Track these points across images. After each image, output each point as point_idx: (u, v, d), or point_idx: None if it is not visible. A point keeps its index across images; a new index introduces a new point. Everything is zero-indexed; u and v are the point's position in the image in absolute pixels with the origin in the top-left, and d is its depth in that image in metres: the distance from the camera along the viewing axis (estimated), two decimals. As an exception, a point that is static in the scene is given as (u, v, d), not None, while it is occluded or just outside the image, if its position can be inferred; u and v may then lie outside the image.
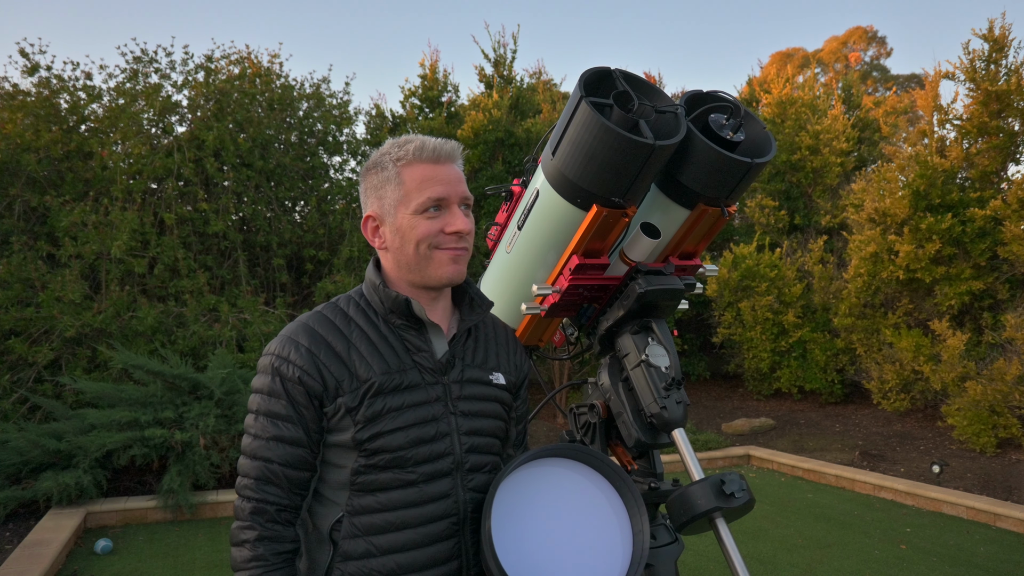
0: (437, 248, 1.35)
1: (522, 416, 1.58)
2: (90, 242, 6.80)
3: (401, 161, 1.36)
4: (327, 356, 1.32)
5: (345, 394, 1.30)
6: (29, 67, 7.75)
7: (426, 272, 1.37)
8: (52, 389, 6.36)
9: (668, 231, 1.55)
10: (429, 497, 1.32)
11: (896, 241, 8.05)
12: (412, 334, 1.38)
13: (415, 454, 1.31)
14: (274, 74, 9.09)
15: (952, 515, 5.67)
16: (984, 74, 7.80)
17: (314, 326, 1.36)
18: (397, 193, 1.35)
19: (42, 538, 4.61)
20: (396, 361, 1.35)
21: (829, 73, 22.99)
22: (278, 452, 1.30)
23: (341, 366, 1.32)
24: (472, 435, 1.38)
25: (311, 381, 1.30)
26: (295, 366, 1.31)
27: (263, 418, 1.32)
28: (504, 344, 1.53)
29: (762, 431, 8.52)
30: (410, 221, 1.34)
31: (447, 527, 1.33)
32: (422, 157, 1.35)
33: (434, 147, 1.36)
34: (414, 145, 1.36)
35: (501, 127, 9.69)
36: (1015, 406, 6.78)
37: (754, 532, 5.20)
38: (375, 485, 1.31)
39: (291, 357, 1.31)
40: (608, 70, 1.44)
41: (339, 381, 1.30)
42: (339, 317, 1.39)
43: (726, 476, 1.36)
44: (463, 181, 1.39)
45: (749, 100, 12.78)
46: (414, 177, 1.34)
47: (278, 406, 1.31)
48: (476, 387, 1.41)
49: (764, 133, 1.53)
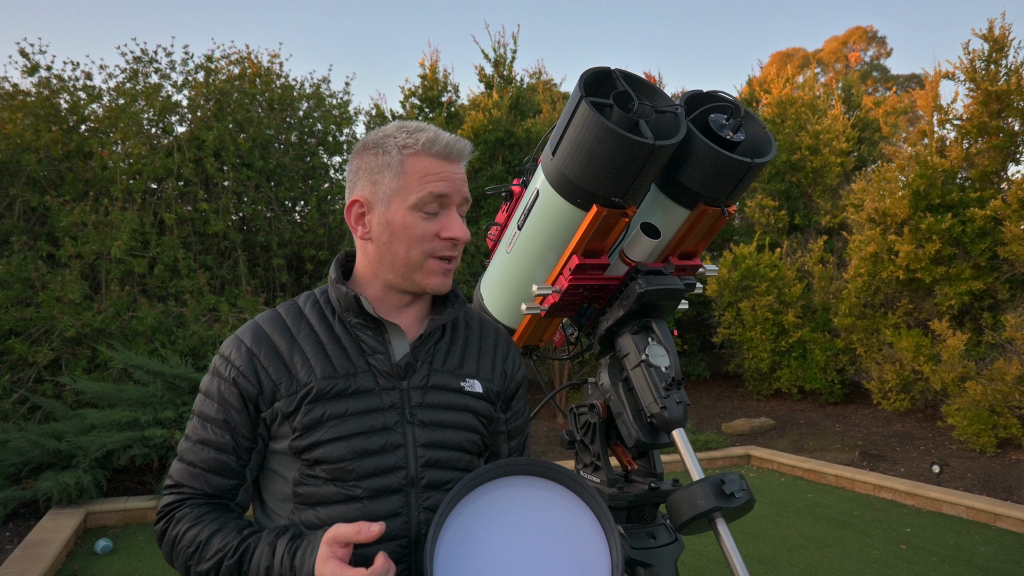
0: (431, 256, 1.25)
1: (517, 430, 1.44)
2: (90, 242, 6.80)
3: (408, 149, 1.24)
4: (267, 356, 1.22)
5: (282, 398, 1.20)
6: (29, 67, 7.75)
7: (412, 277, 1.26)
8: (52, 389, 6.36)
9: (668, 231, 1.55)
10: (374, 515, 1.18)
11: (896, 241, 8.05)
12: (368, 334, 1.26)
13: (358, 467, 1.19)
14: (274, 74, 9.09)
15: (952, 515, 5.67)
16: (984, 74, 7.80)
17: (263, 324, 1.26)
18: (396, 182, 1.23)
19: (42, 538, 4.60)
20: (346, 364, 1.23)
21: (829, 73, 22.99)
22: (202, 456, 1.22)
23: (281, 368, 1.21)
24: (432, 448, 1.24)
25: (245, 383, 1.21)
26: (232, 367, 1.22)
27: (196, 419, 1.25)
28: (490, 348, 1.39)
29: (762, 431, 8.52)
30: (405, 217, 1.23)
31: (394, 549, 1.19)
32: (432, 151, 1.24)
33: (447, 142, 1.25)
34: (426, 136, 1.24)
35: (501, 127, 9.69)
36: (1015, 406, 6.78)
37: (754, 532, 5.20)
38: (316, 498, 1.20)
39: (231, 357, 1.23)
40: (608, 70, 1.44)
41: (276, 384, 1.20)
42: (292, 315, 1.28)
43: (726, 476, 1.36)
44: (467, 183, 1.29)
45: (749, 100, 12.78)
46: (418, 169, 1.23)
47: (210, 408, 1.23)
48: (442, 394, 1.27)
49: (764, 133, 1.53)
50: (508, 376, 1.40)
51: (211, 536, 1.16)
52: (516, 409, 1.44)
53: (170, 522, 1.21)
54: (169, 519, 1.21)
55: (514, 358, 1.44)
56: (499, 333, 1.45)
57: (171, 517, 1.21)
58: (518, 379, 1.43)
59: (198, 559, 1.16)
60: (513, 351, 1.45)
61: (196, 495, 1.22)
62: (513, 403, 1.43)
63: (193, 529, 1.18)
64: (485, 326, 1.43)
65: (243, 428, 1.22)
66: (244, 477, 1.24)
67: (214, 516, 1.20)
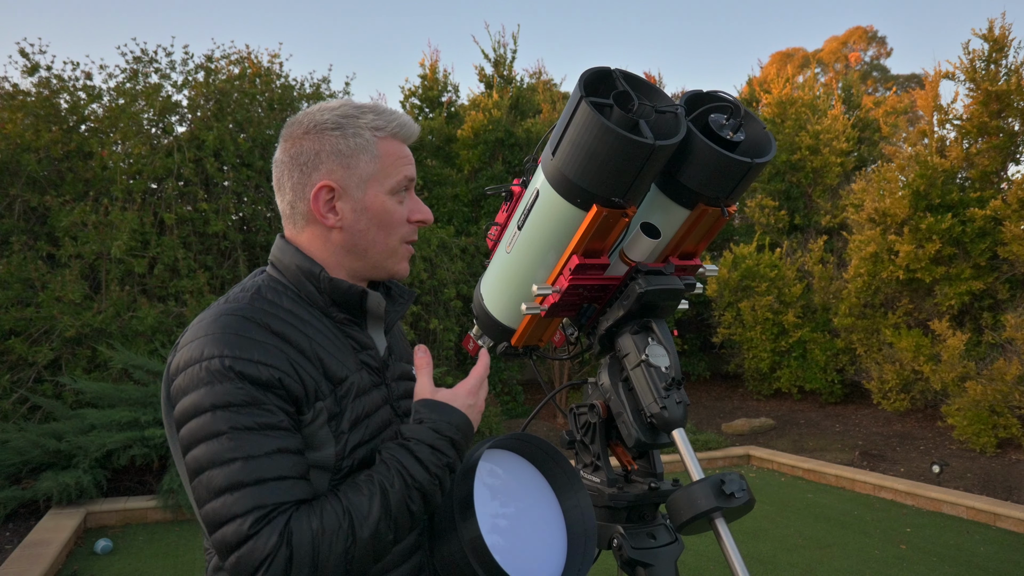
0: (404, 241, 1.23)
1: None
2: (90, 242, 6.80)
3: (380, 132, 1.19)
4: (296, 355, 1.07)
5: (326, 397, 1.08)
6: (29, 67, 7.75)
7: (384, 264, 1.22)
8: (52, 389, 6.36)
9: (668, 231, 1.55)
10: None
11: (896, 241, 8.05)
12: (356, 330, 1.20)
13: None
14: (274, 74, 9.09)
15: (952, 515, 5.67)
16: (984, 74, 7.80)
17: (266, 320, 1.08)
18: (372, 167, 1.18)
19: (42, 538, 4.60)
20: (353, 361, 1.17)
21: (829, 73, 22.99)
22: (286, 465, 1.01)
23: (311, 365, 1.08)
24: None
25: (291, 383, 1.04)
26: (267, 367, 1.03)
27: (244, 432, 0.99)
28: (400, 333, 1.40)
29: (762, 431, 8.52)
30: (385, 202, 1.19)
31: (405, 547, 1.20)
32: (400, 135, 1.22)
33: (411, 126, 1.24)
34: (397, 121, 1.21)
35: (501, 127, 9.69)
36: (1015, 406, 6.78)
37: (754, 532, 5.20)
38: None
39: (256, 357, 1.03)
40: (608, 70, 1.44)
41: (316, 382, 1.08)
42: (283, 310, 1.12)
43: (726, 476, 1.36)
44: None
45: (749, 100, 12.78)
46: (390, 152, 1.20)
47: (261, 415, 1.01)
48: (406, 383, 1.29)
49: (764, 133, 1.53)
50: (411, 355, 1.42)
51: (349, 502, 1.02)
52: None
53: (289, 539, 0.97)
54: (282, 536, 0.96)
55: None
56: None
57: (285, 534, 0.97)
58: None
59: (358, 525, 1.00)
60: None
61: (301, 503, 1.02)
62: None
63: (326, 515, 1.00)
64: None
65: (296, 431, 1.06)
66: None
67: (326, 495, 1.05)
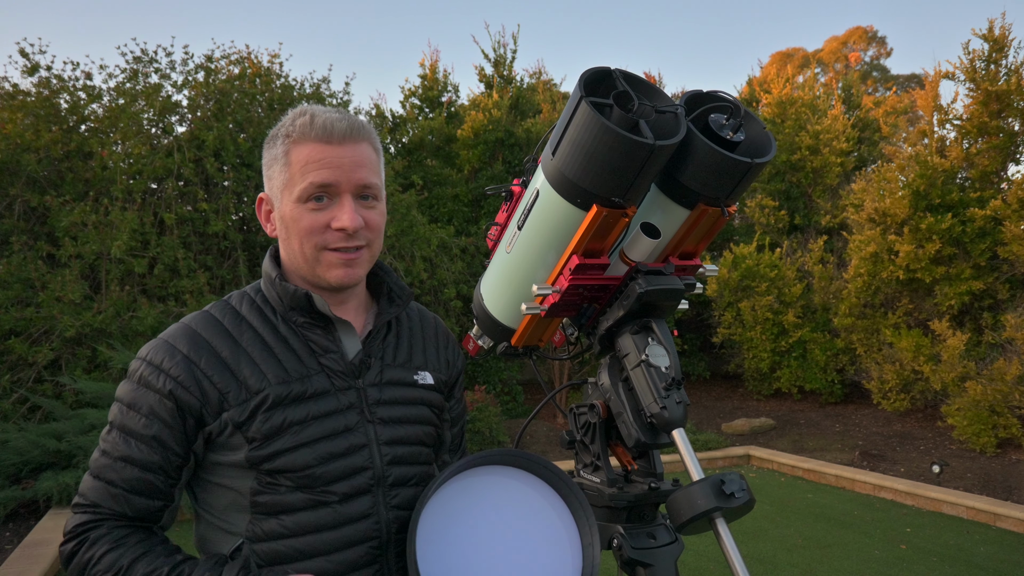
0: (324, 249, 1.16)
1: (458, 417, 1.44)
2: (90, 242, 6.80)
3: (290, 138, 1.16)
4: (209, 364, 1.12)
5: (231, 408, 1.11)
6: (29, 67, 7.75)
7: (314, 271, 1.19)
8: (52, 389, 6.37)
9: (668, 231, 1.56)
10: (346, 518, 1.15)
11: (896, 241, 8.05)
12: (318, 333, 1.19)
13: (326, 472, 1.14)
14: (274, 74, 9.09)
15: (952, 515, 5.67)
16: (984, 74, 7.80)
17: (197, 328, 1.16)
18: (283, 175, 1.16)
19: (42, 538, 4.60)
20: (298, 366, 1.16)
21: (829, 73, 23.00)
22: (124, 474, 1.10)
23: (227, 375, 1.13)
24: (395, 444, 1.21)
25: (185, 395, 1.10)
26: (167, 376, 1.11)
27: (116, 432, 1.12)
28: (433, 338, 1.37)
29: (762, 431, 8.52)
30: (293, 211, 1.15)
31: (367, 552, 1.16)
32: (310, 135, 1.14)
33: (324, 123, 1.15)
34: (304, 119, 1.15)
35: (501, 127, 9.70)
36: (1015, 406, 6.78)
37: (754, 532, 5.20)
38: (280, 507, 1.13)
39: (164, 365, 1.12)
40: (608, 70, 1.44)
41: (223, 393, 1.12)
42: (229, 317, 1.19)
43: (726, 476, 1.36)
44: (365, 165, 1.17)
45: (749, 100, 12.79)
46: (301, 158, 1.14)
47: (135, 421, 1.11)
48: (398, 389, 1.25)
49: (764, 133, 1.53)
50: (451, 364, 1.40)
51: (135, 561, 1.07)
52: (457, 396, 1.44)
53: (82, 544, 1.10)
54: (81, 540, 1.10)
55: (453, 347, 1.43)
56: (438, 323, 1.44)
57: (84, 539, 1.10)
58: (459, 367, 1.43)
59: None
60: (452, 340, 1.44)
61: (115, 516, 1.12)
62: (455, 391, 1.43)
63: (112, 553, 1.08)
64: (425, 317, 1.42)
65: (175, 444, 1.12)
66: (172, 498, 1.16)
67: (137, 539, 1.11)
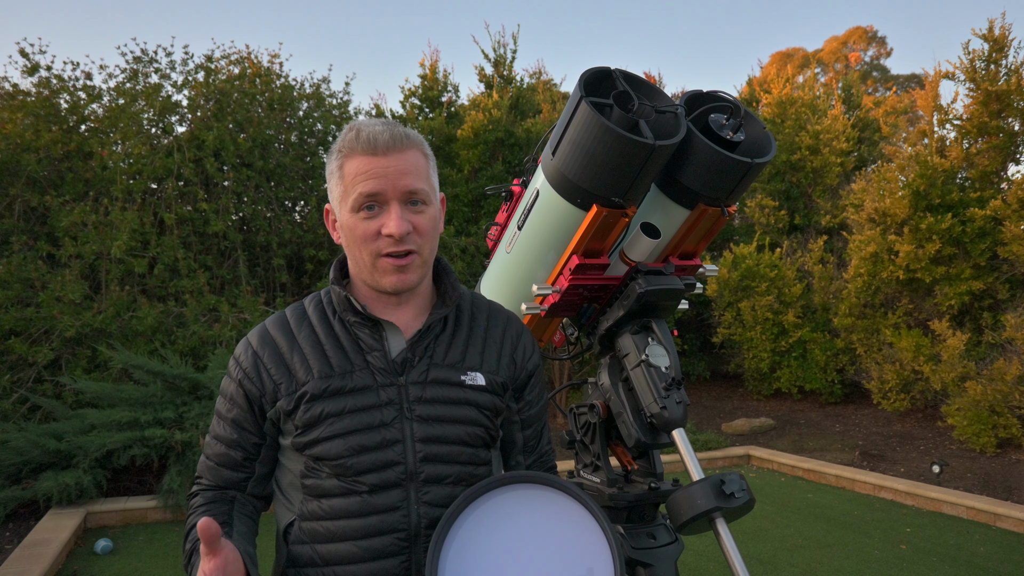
0: (379, 255, 1.24)
1: (531, 419, 1.42)
2: (90, 242, 6.80)
3: (342, 152, 1.25)
4: (271, 358, 1.28)
5: (283, 397, 1.25)
6: (29, 67, 7.75)
7: (369, 277, 1.27)
8: (52, 389, 6.36)
9: (668, 231, 1.56)
10: (373, 509, 1.22)
11: (896, 241, 8.05)
12: (366, 332, 1.28)
13: (357, 463, 1.22)
14: (274, 74, 9.09)
15: (952, 515, 5.67)
16: (984, 74, 7.80)
17: (268, 327, 1.33)
18: (339, 188, 1.25)
19: (42, 538, 4.60)
20: (343, 362, 1.26)
21: (829, 73, 22.99)
22: (214, 450, 1.32)
23: (282, 368, 1.27)
24: (430, 442, 1.25)
25: (249, 385, 1.28)
26: (240, 368, 1.30)
27: (214, 415, 1.35)
28: (497, 340, 1.37)
29: (762, 431, 8.52)
30: (349, 220, 1.24)
31: (393, 542, 1.23)
32: (357, 148, 1.22)
33: (368, 135, 1.22)
34: (351, 134, 1.24)
35: (501, 127, 9.69)
36: (1015, 406, 6.78)
37: (754, 532, 5.20)
38: (320, 491, 1.25)
39: (240, 359, 1.31)
40: (608, 70, 1.44)
41: (277, 384, 1.26)
42: (295, 316, 1.33)
43: (726, 476, 1.36)
44: (410, 172, 1.22)
45: (749, 100, 12.78)
46: (351, 170, 1.23)
47: (223, 406, 1.32)
48: (442, 389, 1.28)
49: (764, 133, 1.53)
50: (518, 366, 1.38)
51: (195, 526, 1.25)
52: (529, 399, 1.41)
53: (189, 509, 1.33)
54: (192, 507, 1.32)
55: (525, 347, 1.40)
56: (509, 322, 1.42)
57: (190, 505, 1.33)
58: (529, 368, 1.40)
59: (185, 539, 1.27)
60: (524, 340, 1.41)
61: (208, 487, 1.32)
62: (525, 392, 1.40)
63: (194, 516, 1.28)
64: (493, 317, 1.40)
65: (250, 425, 1.29)
66: (252, 470, 1.32)
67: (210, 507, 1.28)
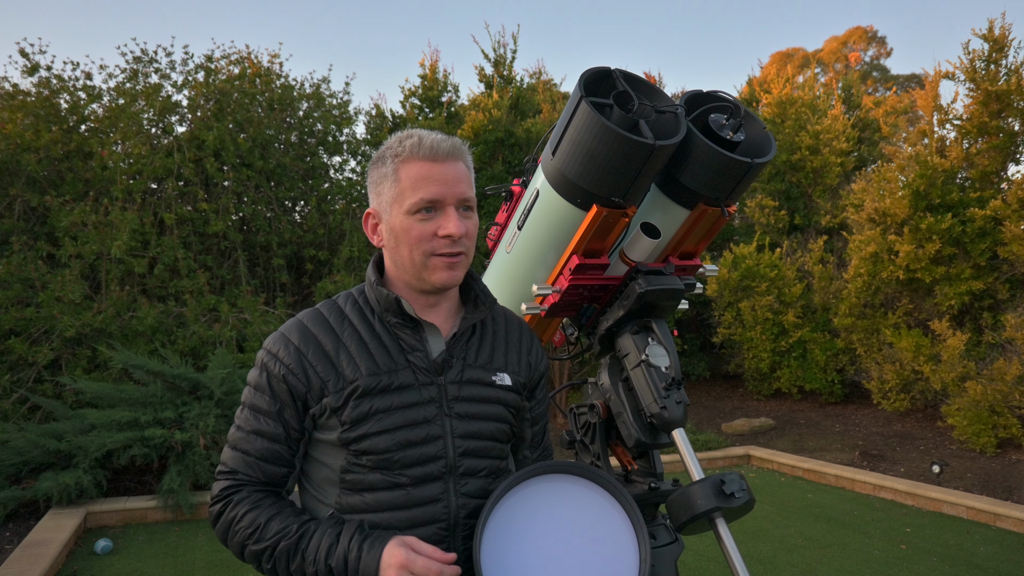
0: (432, 255, 1.31)
1: (539, 416, 1.53)
2: (90, 242, 6.80)
3: (399, 157, 1.32)
4: (315, 355, 1.31)
5: (330, 394, 1.29)
6: (29, 67, 7.76)
7: (420, 275, 1.33)
8: (52, 389, 6.36)
9: (668, 231, 1.56)
10: (416, 500, 1.29)
11: (896, 241, 8.05)
12: (407, 333, 1.34)
13: (403, 457, 1.28)
14: (274, 74, 9.09)
15: (952, 515, 5.67)
16: (984, 74, 7.80)
17: (308, 324, 1.35)
18: (393, 191, 1.32)
19: (42, 538, 4.60)
20: (388, 361, 1.32)
21: (829, 73, 22.98)
22: (256, 445, 1.31)
23: (328, 366, 1.30)
24: (468, 438, 1.34)
25: (295, 380, 1.30)
26: (282, 364, 1.31)
27: (248, 411, 1.34)
28: (516, 342, 1.47)
29: (762, 431, 8.52)
30: (403, 222, 1.31)
31: (434, 532, 1.30)
32: (419, 154, 1.30)
33: (431, 144, 1.31)
34: (412, 141, 1.32)
35: (501, 127, 9.68)
36: (1015, 406, 6.78)
37: (754, 532, 5.20)
38: (363, 485, 1.29)
39: (280, 354, 1.32)
40: (608, 70, 1.44)
41: (324, 381, 1.29)
42: (334, 315, 1.37)
43: (726, 476, 1.36)
44: (464, 181, 1.33)
45: (749, 100, 12.78)
46: (410, 175, 1.30)
47: (262, 401, 1.32)
48: (476, 388, 1.37)
49: (764, 133, 1.53)
50: (532, 367, 1.48)
51: (270, 519, 1.27)
52: (539, 397, 1.53)
53: (227, 504, 1.31)
54: (227, 502, 1.31)
55: (537, 350, 1.51)
56: (522, 327, 1.52)
57: (228, 500, 1.31)
58: (541, 370, 1.51)
59: (257, 539, 1.26)
60: (536, 343, 1.52)
61: (252, 482, 1.32)
62: (536, 392, 1.51)
63: (252, 512, 1.28)
64: (510, 321, 1.51)
65: (293, 420, 1.31)
66: (294, 465, 1.34)
67: (271, 502, 1.30)
